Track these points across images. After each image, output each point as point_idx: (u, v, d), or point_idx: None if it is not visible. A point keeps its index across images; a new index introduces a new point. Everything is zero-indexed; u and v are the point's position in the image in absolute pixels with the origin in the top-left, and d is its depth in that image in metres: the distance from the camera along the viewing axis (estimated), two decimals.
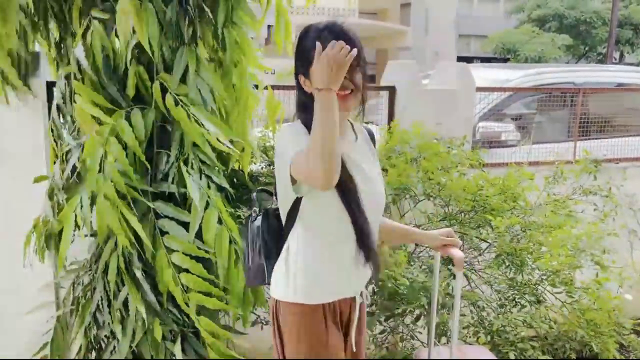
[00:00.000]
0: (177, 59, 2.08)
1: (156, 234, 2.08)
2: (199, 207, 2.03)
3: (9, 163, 2.13)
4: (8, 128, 2.24)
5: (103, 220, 1.99)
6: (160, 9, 2.02)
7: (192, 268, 2.04)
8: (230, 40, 2.18)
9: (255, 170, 2.55)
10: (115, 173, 1.98)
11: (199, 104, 2.07)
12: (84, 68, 2.03)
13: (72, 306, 2.35)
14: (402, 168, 2.38)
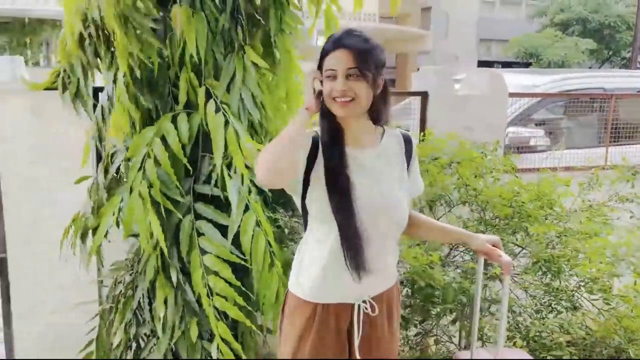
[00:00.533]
0: (226, 66, 2.15)
1: (193, 235, 2.13)
2: (237, 210, 2.07)
3: (60, 163, 2.20)
4: (60, 130, 2.32)
5: (130, 217, 2.05)
6: (213, 17, 2.09)
7: (221, 272, 2.07)
8: (281, 48, 2.24)
9: None
10: (153, 173, 2.04)
11: (236, 112, 2.11)
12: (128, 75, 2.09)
13: (112, 304, 2.43)
14: (436, 173, 2.41)
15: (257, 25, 2.25)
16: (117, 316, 2.35)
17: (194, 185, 2.16)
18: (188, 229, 2.11)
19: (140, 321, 2.32)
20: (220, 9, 2.11)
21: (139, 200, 2.04)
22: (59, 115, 2.28)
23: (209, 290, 2.06)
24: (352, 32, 1.56)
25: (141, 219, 2.03)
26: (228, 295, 2.06)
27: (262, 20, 2.23)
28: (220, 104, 2.10)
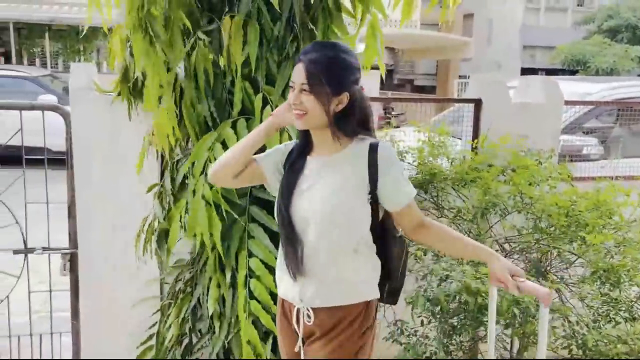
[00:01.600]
0: (281, 73, 2.22)
1: (244, 236, 2.20)
2: None
3: (130, 165, 2.31)
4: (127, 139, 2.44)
5: (195, 219, 2.13)
6: (268, 27, 2.17)
7: (263, 277, 2.12)
8: None
9: None
10: None
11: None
12: (182, 83, 2.20)
13: (171, 300, 2.53)
14: (490, 181, 2.42)
15: (311, 33, 2.32)
16: (174, 311, 2.45)
17: (252, 189, 2.24)
18: (240, 230, 2.19)
19: (196, 317, 2.42)
20: (276, 18, 2.19)
21: (201, 202, 2.13)
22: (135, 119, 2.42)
23: (249, 292, 2.12)
24: (317, 46, 1.62)
25: (202, 220, 2.12)
26: (264, 301, 2.10)
27: (314, 29, 2.29)
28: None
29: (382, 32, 2.38)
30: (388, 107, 9.19)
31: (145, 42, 2.21)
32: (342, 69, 1.57)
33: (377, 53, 2.38)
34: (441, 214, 2.62)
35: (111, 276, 2.46)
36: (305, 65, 1.55)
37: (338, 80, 1.56)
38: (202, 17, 2.26)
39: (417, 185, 2.68)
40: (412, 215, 1.65)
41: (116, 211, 2.41)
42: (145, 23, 2.20)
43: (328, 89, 1.54)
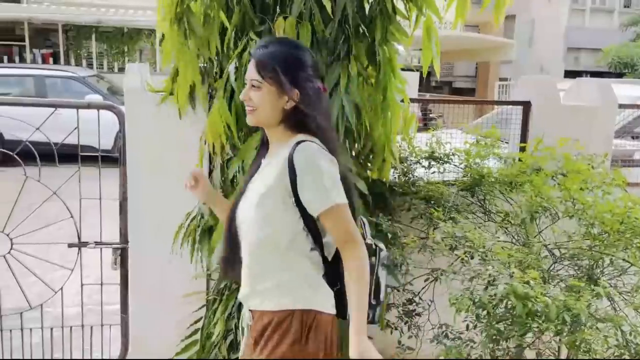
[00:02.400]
0: (330, 74, 2.23)
1: None
2: None
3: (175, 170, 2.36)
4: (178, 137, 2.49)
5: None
6: (320, 28, 2.18)
7: None
8: (383, 57, 2.30)
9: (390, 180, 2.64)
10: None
11: (335, 120, 2.18)
12: (232, 84, 2.23)
13: (216, 296, 2.58)
14: (540, 185, 2.37)
15: (362, 35, 2.33)
16: (220, 307, 2.49)
17: None
18: None
19: (242, 314, 2.45)
20: (328, 19, 2.21)
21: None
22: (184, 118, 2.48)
23: None
24: (268, 41, 1.61)
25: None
26: None
27: (367, 30, 2.30)
28: None
29: (437, 34, 2.37)
30: (426, 109, 9.10)
31: (179, 37, 2.27)
32: (292, 65, 1.55)
33: (433, 55, 2.36)
34: (488, 218, 2.58)
35: (159, 271, 2.52)
36: (255, 61, 1.55)
37: (287, 76, 1.53)
38: (254, 18, 2.30)
39: (463, 188, 2.66)
40: (337, 228, 1.53)
41: (165, 208, 2.47)
42: (182, 17, 2.26)
43: (277, 85, 1.53)
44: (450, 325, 2.37)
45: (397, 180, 2.68)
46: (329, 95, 2.20)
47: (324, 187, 1.51)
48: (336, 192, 1.52)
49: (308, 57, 1.60)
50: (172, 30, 2.31)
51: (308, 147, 1.54)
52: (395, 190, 2.60)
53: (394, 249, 2.29)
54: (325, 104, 1.64)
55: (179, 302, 2.55)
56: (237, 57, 2.25)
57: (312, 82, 1.57)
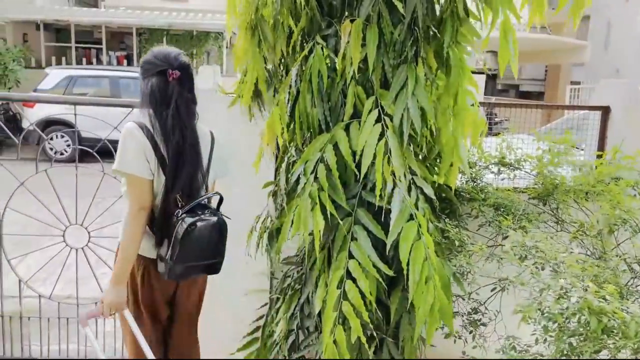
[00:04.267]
0: (397, 77, 2.21)
1: (347, 237, 2.19)
2: (397, 220, 2.08)
3: (245, 168, 2.41)
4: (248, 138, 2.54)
5: (300, 217, 2.16)
6: (388, 30, 2.16)
7: (359, 279, 2.08)
8: (454, 59, 2.25)
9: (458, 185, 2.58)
10: (324, 177, 2.15)
11: (399, 124, 2.15)
12: (296, 87, 2.25)
13: (279, 295, 2.61)
14: (619, 195, 2.24)
15: (432, 37, 2.29)
16: (283, 307, 2.52)
17: (362, 192, 2.24)
18: (344, 231, 2.20)
19: (305, 315, 2.47)
20: (397, 21, 2.18)
21: (307, 201, 2.17)
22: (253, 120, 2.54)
23: (343, 293, 2.09)
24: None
25: (306, 218, 2.15)
26: (356, 305, 2.07)
27: (437, 32, 2.26)
28: (384, 115, 2.16)
29: (515, 34, 2.29)
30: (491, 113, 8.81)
31: (252, 43, 2.31)
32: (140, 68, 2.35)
33: (510, 56, 2.29)
34: (561, 228, 2.47)
35: (225, 267, 2.57)
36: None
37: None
38: (321, 21, 2.31)
39: (535, 196, 2.55)
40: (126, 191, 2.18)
41: (232, 206, 2.52)
42: (256, 25, 2.30)
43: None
44: (518, 337, 2.28)
45: (464, 186, 2.61)
46: (395, 98, 2.18)
47: (118, 153, 2.12)
48: (119, 159, 2.09)
49: (149, 56, 2.31)
50: (245, 38, 2.36)
51: (126, 124, 2.17)
52: (462, 196, 2.54)
53: (461, 256, 2.23)
54: (153, 84, 2.23)
55: (243, 297, 2.60)
56: (303, 60, 2.27)
57: (149, 72, 2.25)
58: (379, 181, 2.10)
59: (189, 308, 2.41)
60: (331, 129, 2.25)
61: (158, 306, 2.29)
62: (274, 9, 2.35)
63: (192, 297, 2.40)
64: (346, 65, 2.18)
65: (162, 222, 2.15)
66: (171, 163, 2.13)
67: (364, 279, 2.09)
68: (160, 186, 2.14)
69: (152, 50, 2.35)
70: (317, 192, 2.15)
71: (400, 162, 2.13)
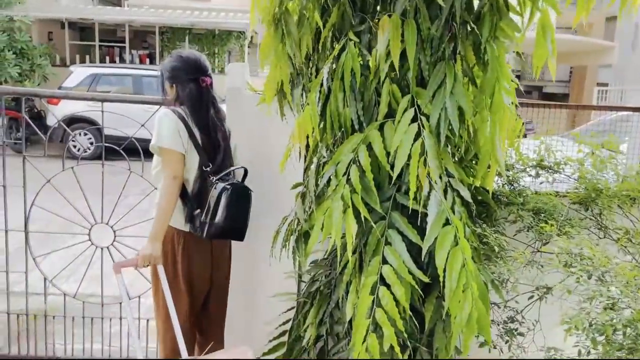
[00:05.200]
0: (434, 75, 2.11)
1: (380, 242, 2.10)
2: (434, 224, 1.99)
3: (273, 168, 2.34)
4: (276, 138, 2.47)
5: (331, 220, 2.08)
6: (426, 26, 2.07)
7: (393, 286, 1.99)
8: (491, 55, 2.14)
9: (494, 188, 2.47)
10: (357, 179, 2.07)
11: (435, 124, 2.05)
12: (327, 85, 2.16)
13: (306, 299, 2.53)
14: None
15: (470, 33, 2.19)
16: (312, 312, 2.44)
17: (396, 195, 2.15)
18: (377, 235, 2.11)
19: (334, 320, 2.39)
20: (434, 16, 2.09)
21: (339, 203, 2.09)
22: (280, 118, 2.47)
23: (377, 299, 2.00)
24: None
25: (338, 222, 2.07)
26: (390, 312, 1.97)
27: (476, 27, 2.16)
28: (420, 115, 2.07)
29: (553, 30, 2.18)
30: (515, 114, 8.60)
31: (276, 38, 2.23)
32: (167, 69, 2.57)
33: (548, 53, 2.17)
34: (605, 235, 2.35)
35: (254, 268, 2.52)
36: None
37: (166, 76, 2.59)
38: (353, 17, 2.23)
39: (577, 201, 2.44)
40: (162, 164, 2.45)
41: (261, 207, 2.46)
42: (280, 19, 2.22)
43: (166, 81, 2.59)
44: (559, 349, 2.18)
45: (501, 189, 2.51)
46: (432, 97, 2.09)
47: (155, 133, 2.43)
48: (158, 136, 2.41)
49: (180, 65, 2.54)
50: (268, 33, 2.29)
51: (161, 110, 2.47)
52: (500, 200, 2.43)
53: (500, 262, 2.13)
54: (195, 94, 2.50)
55: (270, 300, 2.53)
56: (335, 59, 2.19)
57: (182, 79, 2.52)
58: (413, 183, 2.01)
59: (222, 280, 2.63)
60: (364, 129, 2.16)
61: (196, 278, 2.50)
62: (299, 3, 2.27)
63: (223, 269, 2.64)
64: (380, 62, 2.09)
65: (197, 192, 2.46)
66: (208, 149, 2.48)
67: (398, 285, 2.00)
68: (192, 162, 2.44)
69: (178, 55, 2.55)
70: (349, 195, 2.07)
71: (437, 163, 2.04)
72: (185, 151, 2.44)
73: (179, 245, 2.47)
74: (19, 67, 11.28)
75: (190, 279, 2.50)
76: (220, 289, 2.65)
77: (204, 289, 2.58)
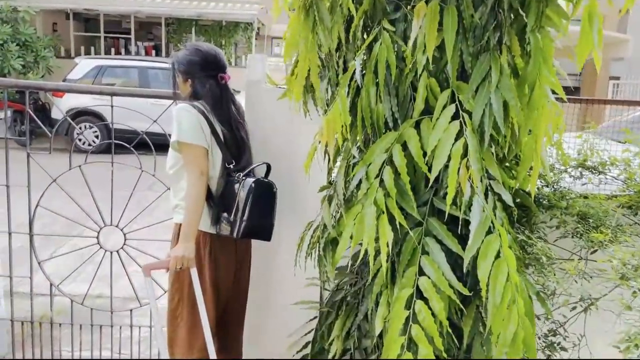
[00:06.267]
0: (478, 67, 1.92)
1: (417, 250, 1.92)
2: (477, 232, 1.81)
3: (297, 167, 2.16)
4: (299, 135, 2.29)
5: (363, 226, 1.90)
6: (468, 13, 1.88)
7: (431, 300, 1.81)
8: (535, 45, 1.95)
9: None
10: (391, 181, 1.89)
11: (478, 121, 1.87)
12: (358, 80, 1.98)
13: (330, 309, 2.36)
14: None
15: (514, 20, 1.99)
16: (338, 323, 2.27)
17: (433, 198, 1.97)
18: (413, 243, 1.92)
19: (362, 333, 2.22)
20: (478, 2, 1.90)
21: (372, 209, 1.91)
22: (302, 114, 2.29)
23: (413, 314, 1.83)
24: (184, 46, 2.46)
25: (371, 228, 1.89)
26: (427, 329, 1.80)
27: (524, 15, 1.96)
28: (462, 112, 1.88)
29: (601, 18, 1.99)
30: None
31: (306, 26, 2.05)
32: (183, 63, 2.38)
33: (593, 42, 1.98)
34: None
35: (276, 273, 2.35)
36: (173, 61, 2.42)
37: (181, 70, 2.39)
38: (387, 3, 2.04)
39: (624, 205, 2.25)
40: (184, 161, 2.30)
41: (283, 208, 2.29)
42: (311, 5, 2.04)
43: (180, 75, 2.39)
44: None
45: (540, 191, 2.31)
46: (475, 92, 1.90)
47: (175, 128, 2.27)
48: (179, 132, 2.26)
49: (200, 60, 2.36)
50: (297, 21, 2.11)
51: (179, 105, 2.32)
52: (540, 203, 2.24)
53: (548, 273, 1.94)
54: (215, 90, 2.35)
55: (291, 307, 2.36)
56: (367, 50, 2.01)
57: (201, 75, 2.35)
58: (452, 187, 1.82)
59: (244, 285, 2.50)
60: (398, 127, 1.98)
61: (221, 283, 2.37)
62: None
63: (245, 274, 2.51)
64: (418, 53, 1.90)
65: (222, 191, 2.33)
66: (232, 146, 2.37)
67: (437, 299, 1.82)
68: (215, 160, 2.32)
69: (196, 49, 2.40)
70: (383, 199, 1.89)
71: (479, 166, 1.85)
72: (208, 147, 2.30)
73: (205, 249, 2.32)
74: (23, 59, 11.11)
75: (217, 284, 2.36)
76: (242, 295, 2.49)
77: (228, 295, 2.43)
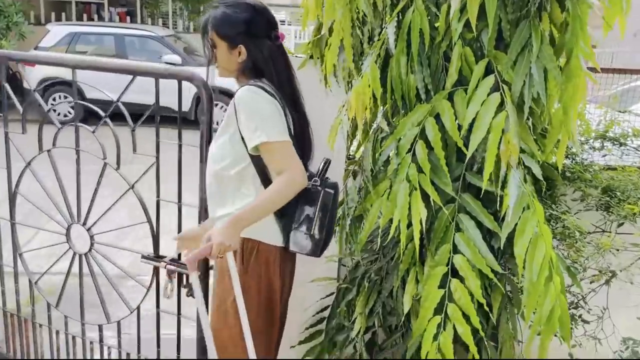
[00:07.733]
0: (517, 35, 1.82)
1: (450, 228, 1.86)
2: (514, 209, 1.75)
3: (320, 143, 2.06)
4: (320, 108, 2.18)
5: (394, 203, 1.83)
6: None
7: (468, 279, 1.76)
8: (573, 12, 1.86)
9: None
10: (424, 156, 1.82)
11: (518, 92, 1.80)
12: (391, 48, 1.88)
13: (349, 284, 2.31)
14: None
15: None
16: (360, 300, 2.21)
17: (466, 173, 1.90)
18: (446, 220, 1.86)
19: (387, 311, 2.17)
20: None
21: (404, 185, 1.84)
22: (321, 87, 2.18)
23: (449, 293, 1.79)
24: (219, 4, 1.83)
25: (403, 205, 1.82)
26: (464, 308, 1.76)
27: None
28: (501, 82, 1.81)
29: None
30: None
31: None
32: (229, 25, 1.78)
33: (622, 9, 1.90)
34: None
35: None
36: (210, 23, 1.81)
37: (228, 35, 1.79)
38: None
39: None
40: (270, 162, 1.77)
41: None
42: None
43: (224, 42, 1.80)
44: (636, 340, 2.00)
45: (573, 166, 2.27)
46: (514, 62, 1.81)
47: (253, 124, 1.72)
48: (265, 131, 1.71)
49: (245, 15, 1.79)
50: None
51: (246, 89, 1.76)
52: (565, 176, 2.20)
53: (581, 247, 1.91)
54: (276, 56, 1.85)
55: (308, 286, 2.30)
56: (399, 15, 1.90)
57: (258, 36, 1.80)
58: (490, 162, 1.75)
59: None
60: (431, 99, 1.89)
61: (286, 294, 2.01)
62: None
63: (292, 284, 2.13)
64: (453, 21, 1.80)
65: (300, 194, 1.79)
66: (300, 135, 1.93)
67: (473, 277, 1.77)
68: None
69: (247, 4, 1.81)
70: (416, 175, 1.82)
71: (518, 140, 1.79)
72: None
73: (275, 265, 1.89)
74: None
75: (285, 299, 2.01)
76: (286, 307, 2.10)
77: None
